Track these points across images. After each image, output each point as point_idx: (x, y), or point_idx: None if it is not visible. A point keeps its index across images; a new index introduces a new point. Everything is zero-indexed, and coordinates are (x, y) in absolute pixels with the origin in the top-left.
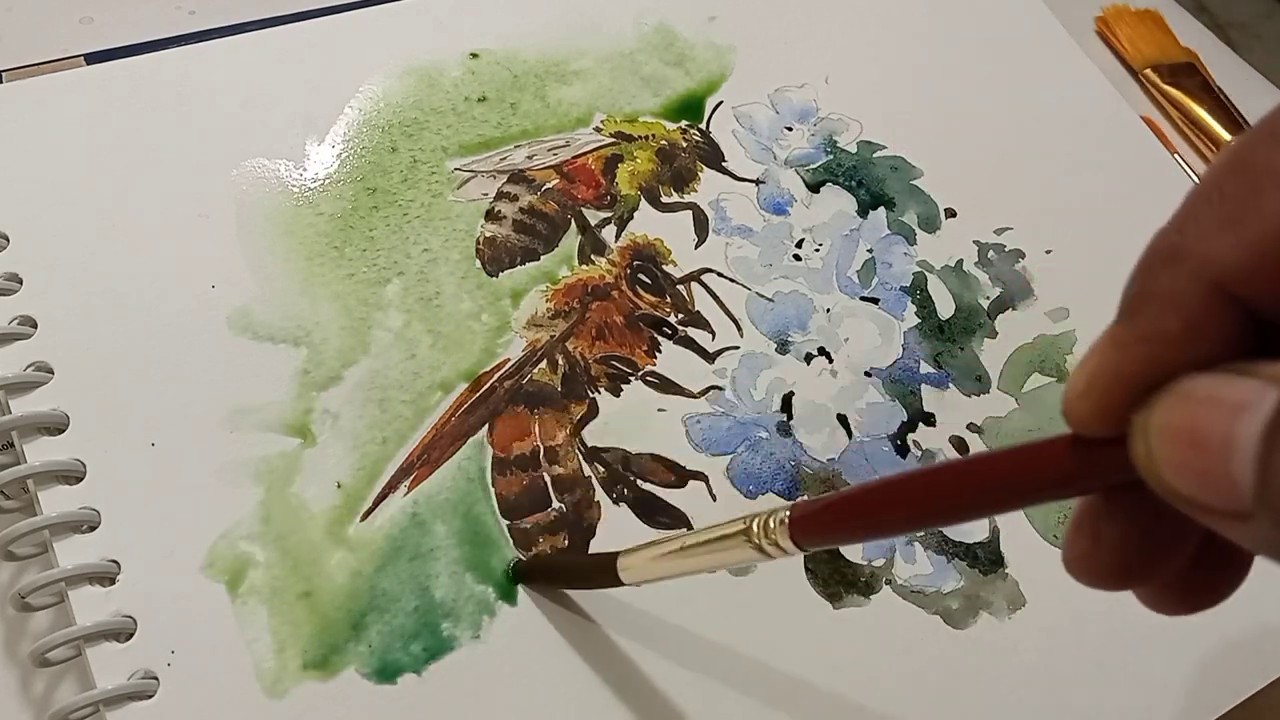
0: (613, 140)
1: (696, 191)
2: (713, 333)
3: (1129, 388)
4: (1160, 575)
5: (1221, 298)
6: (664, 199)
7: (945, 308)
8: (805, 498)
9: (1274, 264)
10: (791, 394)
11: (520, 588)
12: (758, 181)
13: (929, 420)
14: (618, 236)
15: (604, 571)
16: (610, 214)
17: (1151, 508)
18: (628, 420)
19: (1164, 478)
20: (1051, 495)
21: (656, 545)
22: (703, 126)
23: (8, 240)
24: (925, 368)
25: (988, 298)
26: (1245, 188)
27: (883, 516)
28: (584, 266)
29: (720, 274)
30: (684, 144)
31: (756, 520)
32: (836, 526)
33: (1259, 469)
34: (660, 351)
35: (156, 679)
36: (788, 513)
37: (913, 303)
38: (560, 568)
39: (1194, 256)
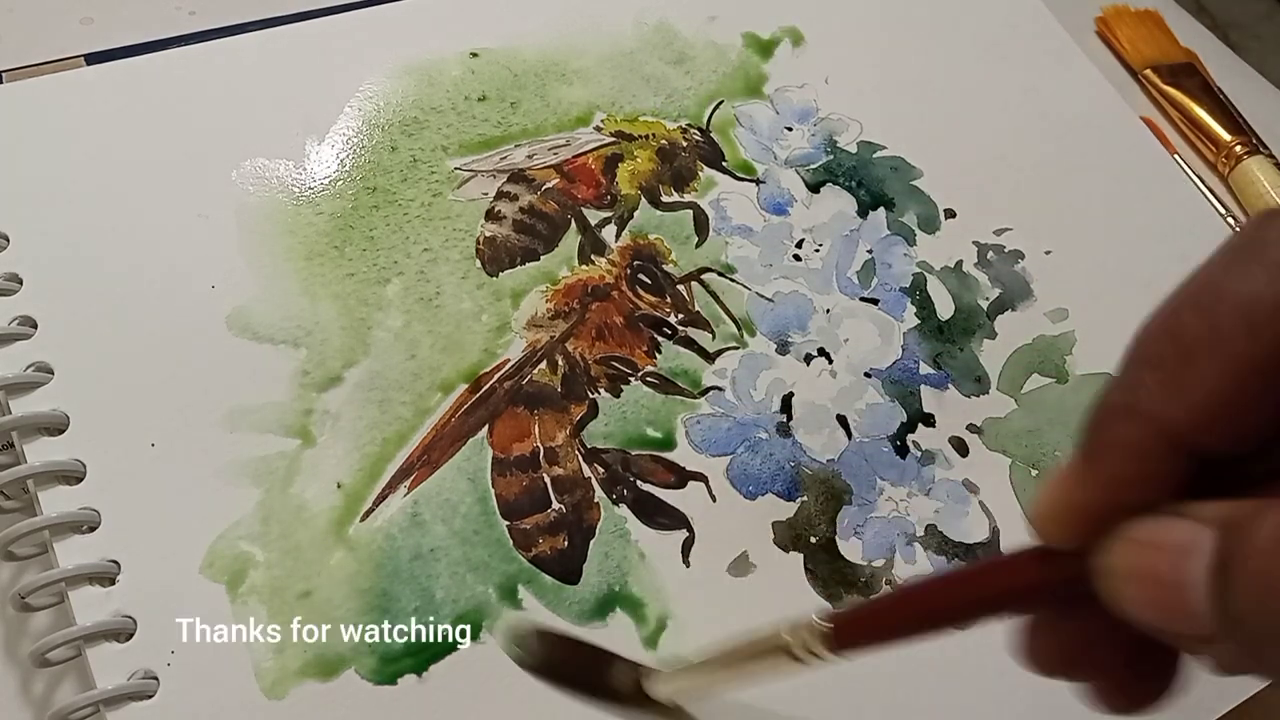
0: (613, 139)
1: (696, 191)
2: (712, 333)
3: (1090, 519)
4: (1097, 669)
5: (1169, 446)
6: (664, 198)
7: (945, 308)
8: (834, 609)
9: (1216, 421)
10: (791, 394)
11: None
12: (758, 181)
13: (929, 421)
14: (618, 236)
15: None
16: (610, 213)
17: (1091, 613)
18: (628, 421)
19: (1130, 613)
20: (1027, 605)
21: (692, 670)
22: (703, 126)
23: (8, 240)
24: (925, 368)
25: (987, 298)
26: (1179, 358)
27: (903, 626)
28: (584, 266)
29: (720, 274)
30: (684, 143)
31: (789, 631)
32: (871, 635)
33: (1215, 604)
34: (660, 352)
35: (156, 679)
36: (828, 624)
37: (912, 303)
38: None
39: (1145, 415)
